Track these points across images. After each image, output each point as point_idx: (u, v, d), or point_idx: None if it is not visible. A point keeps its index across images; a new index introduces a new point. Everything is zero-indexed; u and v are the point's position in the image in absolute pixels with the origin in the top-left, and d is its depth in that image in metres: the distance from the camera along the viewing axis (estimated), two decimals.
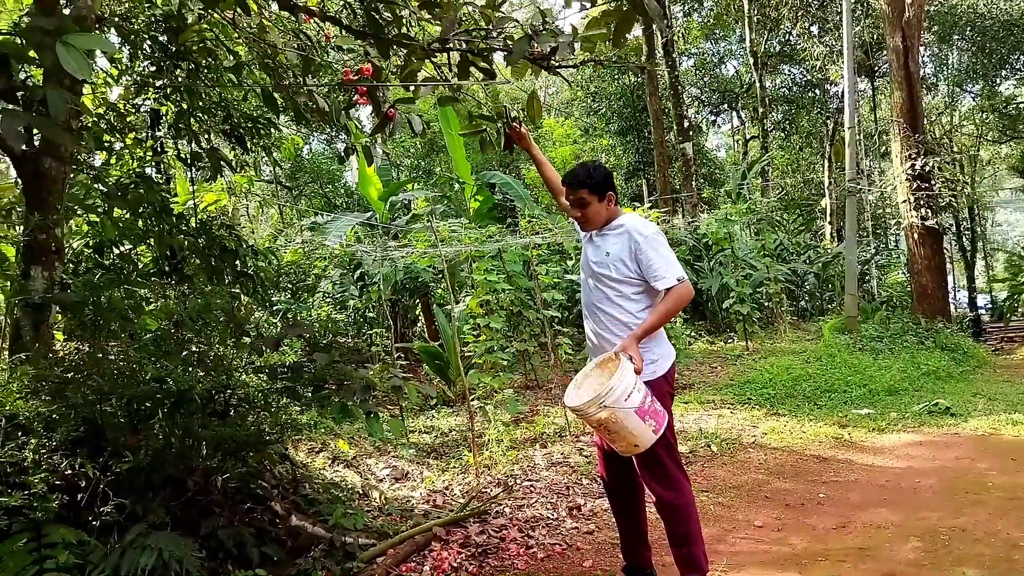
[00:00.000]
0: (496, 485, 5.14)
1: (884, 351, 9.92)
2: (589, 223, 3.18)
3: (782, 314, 12.34)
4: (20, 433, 2.47)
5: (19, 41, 2.12)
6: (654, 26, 16.22)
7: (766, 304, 12.40)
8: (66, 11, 3.18)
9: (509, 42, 3.32)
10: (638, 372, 2.87)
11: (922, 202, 12.07)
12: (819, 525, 4.27)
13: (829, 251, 16.22)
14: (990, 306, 25.23)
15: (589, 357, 3.29)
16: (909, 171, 12.18)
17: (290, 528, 3.52)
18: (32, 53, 2.21)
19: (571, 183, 3.15)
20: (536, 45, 3.16)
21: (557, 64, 3.26)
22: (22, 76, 2.67)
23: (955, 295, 22.39)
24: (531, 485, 5.11)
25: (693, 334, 11.69)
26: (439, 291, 11.99)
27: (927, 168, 12.13)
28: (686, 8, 23.14)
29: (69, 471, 2.83)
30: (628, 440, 2.86)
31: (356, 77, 3.35)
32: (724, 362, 9.85)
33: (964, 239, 24.21)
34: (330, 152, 22.52)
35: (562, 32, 3.12)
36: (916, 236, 12.25)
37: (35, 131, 2.65)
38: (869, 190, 15.78)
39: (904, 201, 12.38)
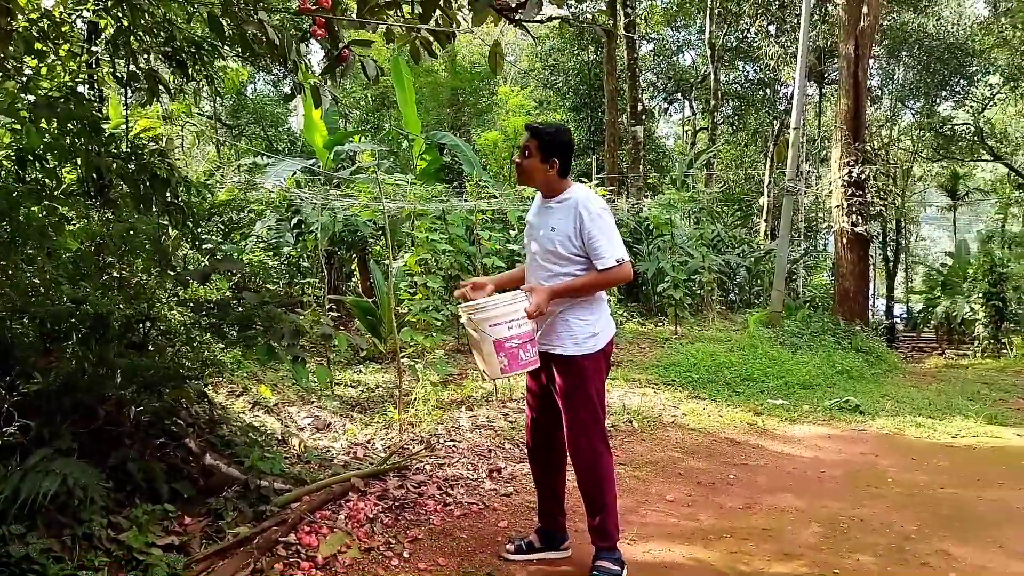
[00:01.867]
0: (419, 443, 5.14)
1: (803, 347, 10.29)
2: (523, 174, 3.13)
3: (712, 303, 12.67)
4: None
5: None
6: (618, 3, 16.19)
7: (698, 292, 12.69)
8: None
9: None
10: (529, 316, 2.92)
11: (854, 208, 12.49)
12: (727, 504, 4.43)
13: (762, 247, 16.71)
14: (905, 316, 26.51)
15: None
16: (846, 177, 12.58)
17: (203, 467, 3.44)
18: None
19: (528, 127, 3.12)
20: None
21: (522, 17, 3.20)
22: None
23: (874, 302, 23.42)
24: (454, 446, 5.13)
25: (626, 314, 11.88)
26: (377, 248, 11.82)
27: (863, 176, 12.55)
28: None
29: None
30: (479, 361, 3.01)
31: (314, 7, 3.22)
32: (653, 344, 10.07)
33: (889, 249, 25.28)
34: (275, 94, 21.77)
35: None
36: (845, 241, 12.69)
37: None
38: (805, 192, 16.27)
39: (838, 206, 12.79)
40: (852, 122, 12.78)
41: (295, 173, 10.52)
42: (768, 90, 23.86)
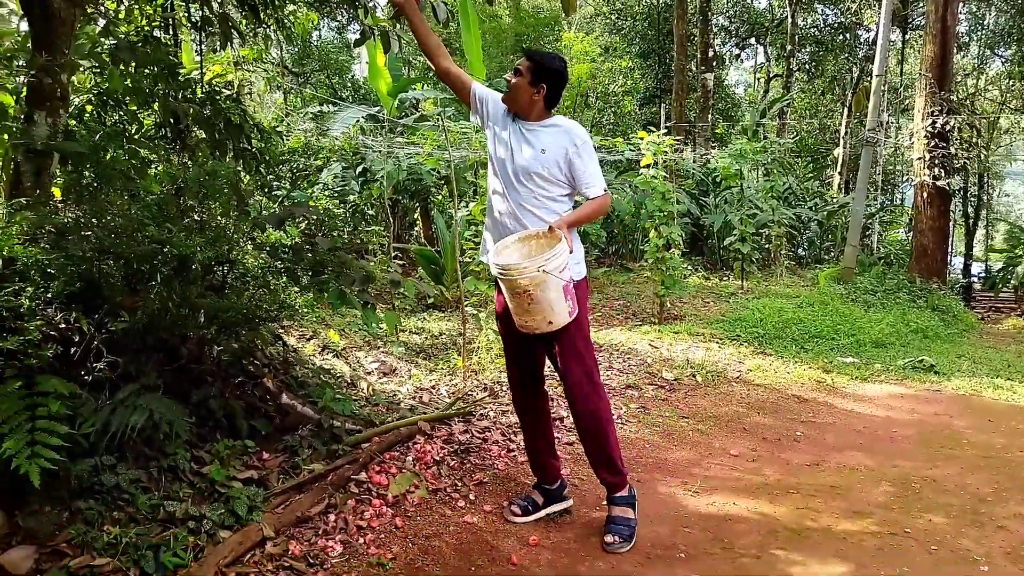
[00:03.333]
0: (482, 390, 5.20)
1: (876, 305, 9.96)
2: (510, 94, 3.07)
3: (781, 257, 12.32)
4: (17, 279, 2.43)
5: None
6: None
7: (766, 246, 12.36)
8: None
9: None
10: (571, 252, 2.87)
11: (937, 161, 11.87)
12: (793, 460, 4.36)
13: (835, 201, 16.08)
14: (983, 275, 25.31)
15: (489, 249, 3.15)
16: (929, 128, 11.93)
17: (279, 406, 3.56)
18: None
19: (525, 50, 3.14)
20: None
21: None
22: None
23: (951, 259, 22.42)
24: None
25: (690, 267, 11.68)
26: (439, 197, 11.84)
27: (947, 127, 11.88)
28: None
29: (63, 324, 2.82)
30: (545, 314, 2.86)
31: None
32: (717, 298, 9.89)
33: (969, 205, 24.05)
34: (340, 42, 21.80)
35: None
36: (925, 195, 12.12)
37: None
38: (885, 143, 15.51)
39: (919, 158, 12.18)
40: (938, 70, 12.05)
41: (360, 121, 10.55)
42: (848, 35, 22.66)
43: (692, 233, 12.78)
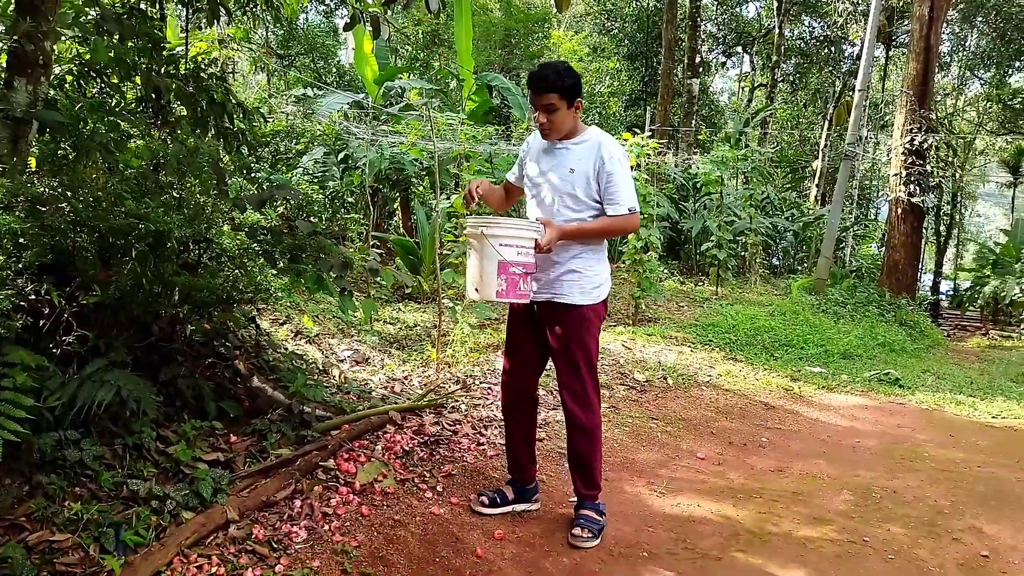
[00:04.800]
0: (455, 383, 5.21)
1: (846, 317, 10.12)
2: (554, 131, 2.97)
3: (756, 266, 12.46)
4: None
5: None
6: None
7: (742, 253, 12.49)
8: None
9: None
10: (539, 249, 2.85)
11: (913, 178, 12.09)
12: (758, 465, 4.43)
13: (812, 212, 16.29)
14: (952, 293, 25.78)
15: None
16: (907, 145, 12.15)
17: (250, 389, 3.53)
18: None
19: (538, 86, 2.88)
20: None
21: None
22: None
23: (921, 276, 22.79)
24: (489, 388, 5.19)
25: (666, 271, 11.77)
26: (420, 187, 11.80)
27: (925, 145, 12.10)
28: None
29: (33, 296, 2.78)
30: (474, 277, 2.90)
31: None
32: (692, 303, 9.98)
33: (942, 223, 24.48)
34: (327, 25, 21.61)
35: None
36: (900, 211, 12.33)
37: None
38: (863, 158, 15.73)
39: (896, 174, 12.39)
40: (919, 88, 12.26)
41: (344, 107, 10.47)
42: (833, 48, 22.97)
43: (670, 237, 12.88)
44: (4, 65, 2.80)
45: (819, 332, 8.70)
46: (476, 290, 2.88)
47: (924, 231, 15.19)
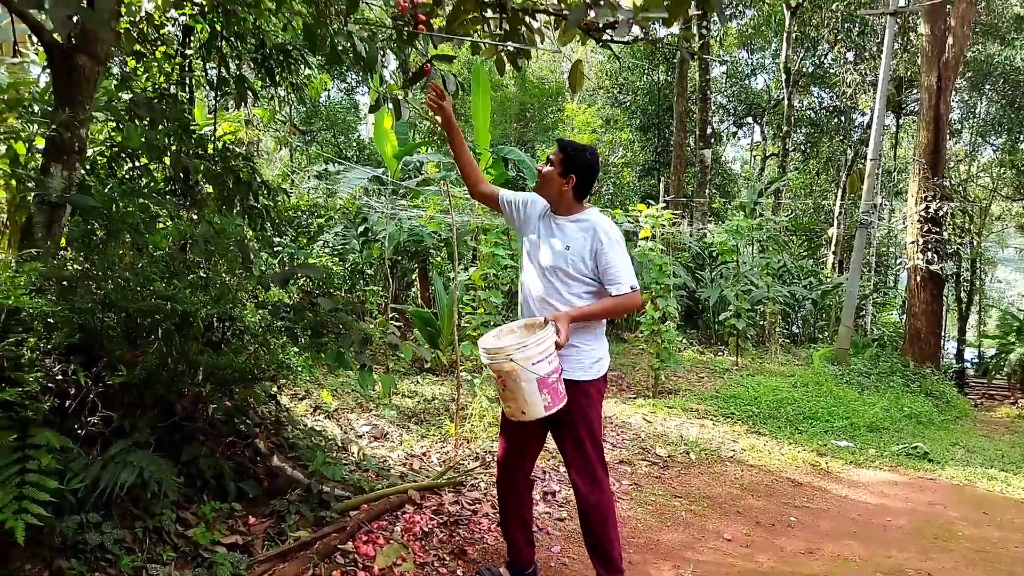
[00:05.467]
0: (474, 459, 5.13)
1: (870, 387, 9.96)
2: (540, 183, 3.08)
3: (775, 335, 12.35)
4: (20, 329, 2.42)
5: None
6: (693, 24, 16.01)
7: (761, 323, 12.40)
8: None
9: (565, 7, 3.25)
10: (559, 347, 2.80)
11: (930, 245, 12.08)
12: (787, 547, 4.28)
13: (830, 280, 16.23)
14: (976, 361, 25.37)
15: None
16: (922, 213, 12.18)
17: (269, 468, 3.50)
18: None
19: (558, 140, 3.09)
20: (593, 14, 3.08)
21: (610, 37, 3.19)
22: None
23: (944, 344, 22.48)
24: None
25: (684, 341, 11.69)
26: (438, 258, 11.91)
27: (940, 213, 12.13)
28: (728, 13, 22.94)
29: (60, 376, 2.79)
30: (519, 404, 2.81)
31: (408, 5, 3.27)
32: (712, 373, 9.86)
33: (962, 290, 24.28)
34: (347, 102, 22.29)
35: (621, 7, 3.04)
36: (918, 279, 12.27)
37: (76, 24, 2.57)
38: (878, 226, 15.76)
39: (913, 242, 12.38)
40: (931, 156, 12.38)
41: (364, 182, 10.70)
42: (843, 118, 23.31)
43: (687, 306, 12.84)
44: (41, 150, 2.90)
45: (844, 404, 8.54)
46: (523, 412, 2.81)
47: (945, 298, 15.06)
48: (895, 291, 20.30)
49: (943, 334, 13.97)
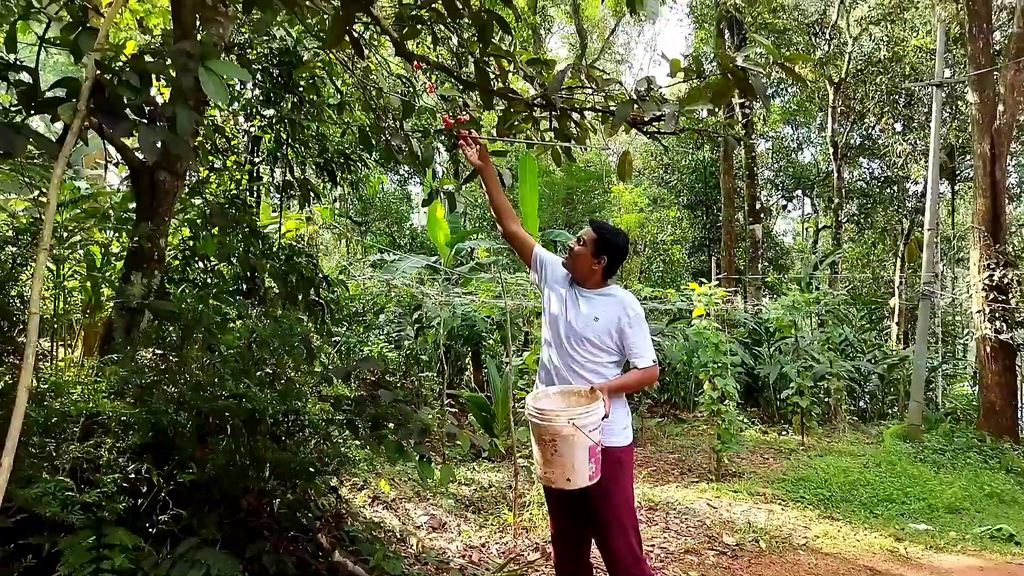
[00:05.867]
0: (534, 549, 5.02)
1: (946, 465, 9.46)
2: (571, 260, 3.21)
3: (842, 412, 11.91)
4: (100, 431, 2.53)
5: (166, 61, 2.25)
6: (736, 106, 16.27)
7: (826, 400, 12.01)
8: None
9: (611, 103, 3.37)
10: (606, 416, 2.84)
11: (998, 315, 11.64)
12: None
13: (895, 353, 15.70)
14: None
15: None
16: (986, 281, 11.80)
17: (331, 563, 3.50)
18: (172, 73, 2.33)
19: (592, 222, 3.23)
20: (639, 109, 3.19)
21: (656, 130, 3.29)
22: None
23: (1022, 416, 21.30)
24: None
25: (746, 420, 11.37)
26: (490, 342, 11.99)
27: (1006, 280, 11.73)
28: (769, 92, 23.27)
29: (134, 475, 2.89)
30: (565, 470, 2.79)
31: (455, 121, 3.45)
32: (777, 454, 9.53)
33: None
34: (401, 193, 23.07)
35: (667, 101, 3.15)
36: (988, 349, 11.79)
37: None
38: (942, 295, 15.30)
39: (979, 311, 11.96)
40: (991, 223, 12.07)
41: (419, 269, 10.98)
42: (896, 187, 23.03)
43: (747, 384, 12.55)
44: (124, 260, 3.10)
45: (919, 484, 8.12)
46: (568, 480, 2.82)
47: (1018, 368, 14.39)
48: (965, 362, 19.48)
49: (1020, 405, 13.25)
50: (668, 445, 9.88)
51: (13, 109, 2.41)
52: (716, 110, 3.34)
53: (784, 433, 11.29)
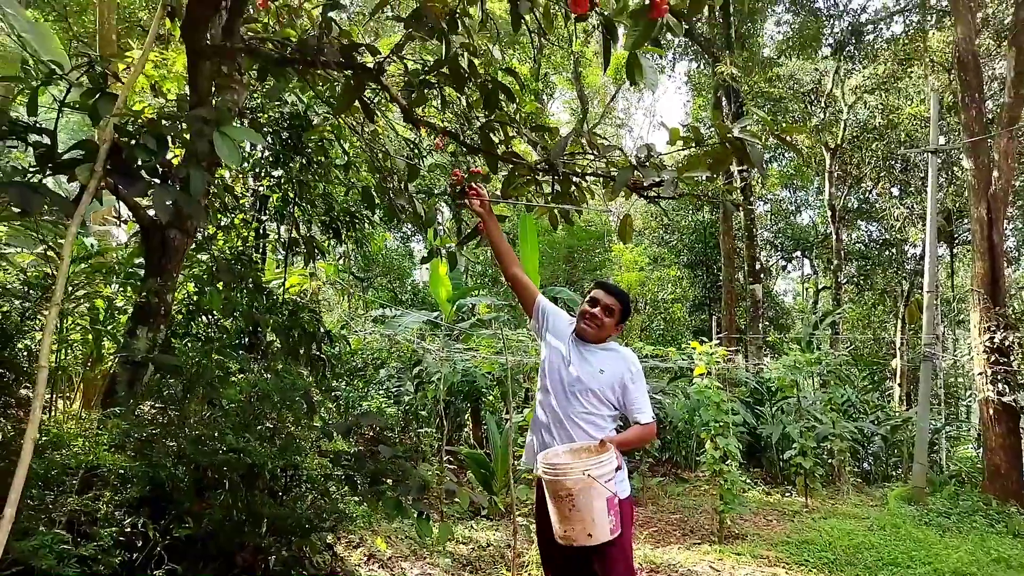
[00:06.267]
0: None
1: (952, 529, 9.31)
2: (599, 329, 3.26)
3: (846, 474, 11.78)
4: (98, 484, 2.55)
5: (180, 126, 2.35)
6: (735, 171, 16.56)
7: (829, 461, 11.89)
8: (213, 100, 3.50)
9: (612, 169, 3.49)
10: (618, 468, 2.89)
11: (999, 377, 11.61)
12: None
13: (898, 414, 15.59)
14: None
15: (533, 459, 3.25)
16: (987, 344, 11.80)
17: None
18: (187, 137, 2.44)
19: (611, 292, 3.31)
20: (639, 175, 3.30)
21: (656, 194, 3.39)
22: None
23: None
24: None
25: (749, 481, 11.23)
26: (490, 398, 11.95)
27: (1006, 343, 11.74)
28: (767, 157, 23.67)
29: (130, 529, 2.89)
30: (585, 525, 2.75)
31: (466, 176, 3.55)
32: (781, 516, 9.39)
33: None
34: (403, 250, 23.29)
35: (666, 167, 3.26)
36: (991, 411, 11.71)
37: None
38: (943, 357, 15.28)
39: (980, 374, 11.93)
40: (990, 286, 12.14)
41: (419, 325, 11.02)
42: (894, 250, 23.22)
43: (749, 443, 12.44)
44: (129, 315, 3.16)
45: (925, 548, 7.98)
46: (590, 535, 2.77)
47: (1023, 431, 14.28)
48: (968, 424, 19.31)
49: None
50: (670, 505, 9.75)
51: (32, 169, 2.51)
52: (714, 176, 3.45)
53: (787, 494, 11.15)
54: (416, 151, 4.79)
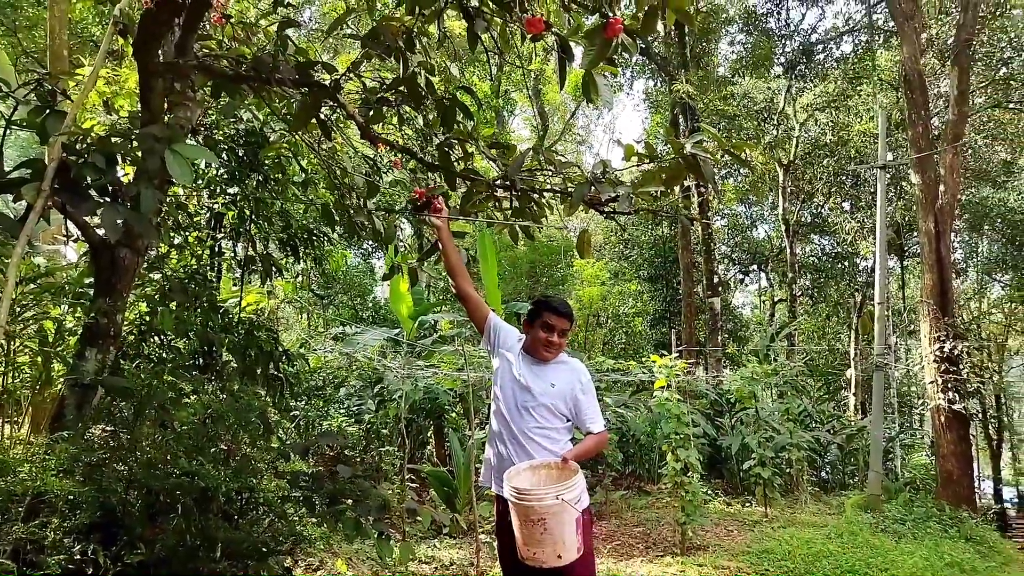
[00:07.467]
0: None
1: (907, 535, 9.52)
2: (558, 351, 3.30)
3: (804, 483, 11.98)
4: (46, 510, 2.47)
5: (131, 144, 2.32)
6: (691, 186, 16.86)
7: (787, 470, 12.08)
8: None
9: (569, 184, 3.52)
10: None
11: (950, 385, 11.96)
12: None
13: (853, 423, 15.93)
14: (1017, 500, 24.28)
15: (490, 476, 3.31)
16: (938, 353, 12.16)
17: None
18: (138, 154, 2.40)
19: (565, 315, 3.31)
20: (595, 190, 3.35)
21: (612, 210, 3.44)
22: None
23: (979, 484, 21.61)
24: None
25: (710, 492, 11.34)
26: (453, 415, 11.89)
27: (956, 352, 12.10)
28: (723, 173, 24.15)
29: (79, 556, 2.80)
30: (556, 547, 2.77)
31: (427, 191, 3.55)
32: (741, 526, 9.50)
33: (991, 428, 23.65)
34: (364, 267, 23.11)
35: (622, 183, 3.31)
36: (943, 419, 12.05)
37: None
38: (895, 367, 15.68)
39: (932, 382, 12.28)
40: (939, 297, 12.53)
41: (380, 343, 10.93)
42: (847, 263, 23.81)
43: (710, 455, 12.58)
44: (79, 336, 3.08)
45: (881, 554, 8.14)
46: (560, 556, 2.79)
47: (973, 437, 14.70)
48: (922, 431, 19.81)
49: (977, 474, 13.49)
50: (633, 518, 9.79)
51: None
52: (669, 191, 3.52)
53: (748, 504, 11.28)
54: (375, 168, 4.77)
